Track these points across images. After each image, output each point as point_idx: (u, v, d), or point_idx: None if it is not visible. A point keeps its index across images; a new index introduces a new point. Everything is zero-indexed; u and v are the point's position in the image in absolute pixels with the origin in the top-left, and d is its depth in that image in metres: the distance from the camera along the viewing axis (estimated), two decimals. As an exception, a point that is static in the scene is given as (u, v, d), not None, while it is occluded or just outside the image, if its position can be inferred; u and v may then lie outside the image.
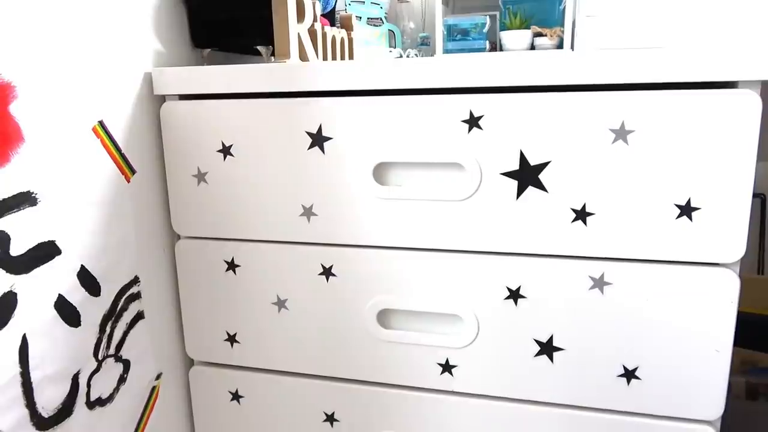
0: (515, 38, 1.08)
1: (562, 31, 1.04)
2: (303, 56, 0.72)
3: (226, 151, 0.67)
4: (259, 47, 0.75)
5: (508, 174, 0.59)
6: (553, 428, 0.63)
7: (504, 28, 1.10)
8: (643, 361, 0.59)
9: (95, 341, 0.60)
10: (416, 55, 1.16)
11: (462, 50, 1.11)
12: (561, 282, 0.60)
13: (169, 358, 0.74)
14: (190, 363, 0.76)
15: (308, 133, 0.64)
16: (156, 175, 0.70)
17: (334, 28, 0.84)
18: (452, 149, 0.60)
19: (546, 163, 0.58)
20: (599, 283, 0.59)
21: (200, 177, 0.68)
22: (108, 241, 0.61)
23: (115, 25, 0.62)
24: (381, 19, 1.16)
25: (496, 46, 1.12)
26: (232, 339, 0.72)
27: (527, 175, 0.59)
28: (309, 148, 0.64)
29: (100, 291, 0.61)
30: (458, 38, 1.13)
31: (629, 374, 0.60)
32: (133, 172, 0.66)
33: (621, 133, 0.55)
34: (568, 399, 0.62)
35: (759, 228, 1.14)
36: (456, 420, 0.66)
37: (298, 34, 0.71)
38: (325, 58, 0.80)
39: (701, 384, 0.59)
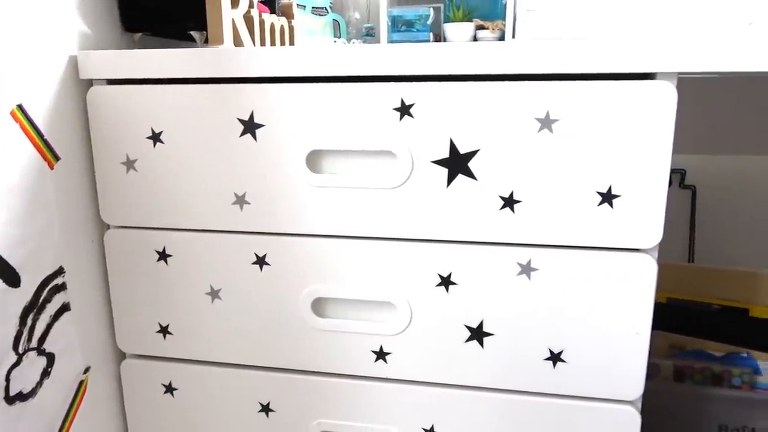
0: (458, 31, 1.09)
1: (504, 24, 1.06)
2: (238, 42, 0.71)
3: (155, 137, 0.65)
4: (192, 32, 0.73)
5: (439, 162, 0.60)
6: (485, 412, 0.65)
7: (447, 20, 1.11)
8: (568, 344, 0.61)
9: (15, 334, 0.58)
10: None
11: (406, 41, 1.12)
12: (490, 268, 0.61)
13: (99, 352, 0.72)
14: (121, 356, 0.74)
15: (240, 120, 0.63)
16: (83, 163, 0.68)
17: (274, 15, 0.83)
18: (384, 137, 0.60)
19: (475, 152, 0.59)
20: (526, 269, 0.60)
21: (129, 164, 0.66)
22: (28, 230, 0.59)
23: (36, 6, 0.59)
24: (326, 9, 1.16)
25: (440, 38, 1.13)
26: (164, 330, 0.70)
27: (457, 163, 0.59)
28: (241, 135, 0.63)
29: (19, 281, 0.58)
30: (403, 29, 1.14)
31: (555, 357, 0.62)
32: (56, 158, 0.64)
33: (546, 122, 0.57)
34: (498, 383, 0.64)
35: (690, 219, 1.19)
36: (390, 406, 0.67)
37: (233, 19, 0.70)
38: (263, 46, 0.79)
39: (622, 365, 0.61)
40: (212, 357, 0.70)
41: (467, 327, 0.63)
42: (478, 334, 0.63)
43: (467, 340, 0.63)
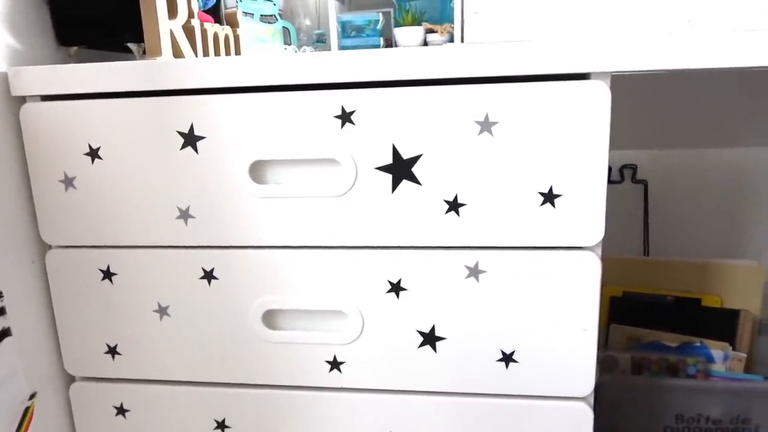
0: (408, 35, 1.09)
1: (452, 27, 1.06)
2: (178, 54, 0.70)
3: (94, 153, 0.63)
4: (130, 44, 0.72)
5: (383, 168, 0.59)
6: (441, 416, 0.65)
7: (397, 24, 1.11)
8: (519, 344, 0.62)
9: (-52, 364, 0.56)
10: (312, 52, 1.15)
11: (357, 47, 1.12)
12: (439, 272, 0.61)
13: (46, 376, 0.69)
14: (69, 379, 0.72)
15: (180, 132, 0.61)
16: (18, 182, 0.65)
17: (217, 25, 0.82)
18: (327, 145, 0.60)
19: (418, 157, 0.59)
20: (474, 272, 0.61)
21: (68, 182, 0.64)
22: (-41, 254, 0.57)
23: (-43, 22, 0.57)
24: (275, 16, 1.15)
25: (391, 43, 1.13)
26: (113, 351, 0.69)
27: (401, 169, 0.59)
28: (182, 148, 0.62)
29: (-49, 309, 0.56)
30: (353, 35, 1.13)
31: (507, 358, 0.62)
32: (-11, 179, 0.61)
33: (486, 125, 0.57)
34: (452, 386, 0.64)
35: (643, 213, 1.21)
36: (347, 416, 0.66)
37: (171, 30, 0.69)
38: (206, 56, 0.78)
39: (572, 363, 0.61)
40: (164, 375, 0.69)
41: (419, 332, 0.63)
42: (430, 338, 0.63)
43: (420, 345, 0.63)
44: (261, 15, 1.12)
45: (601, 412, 0.87)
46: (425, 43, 1.10)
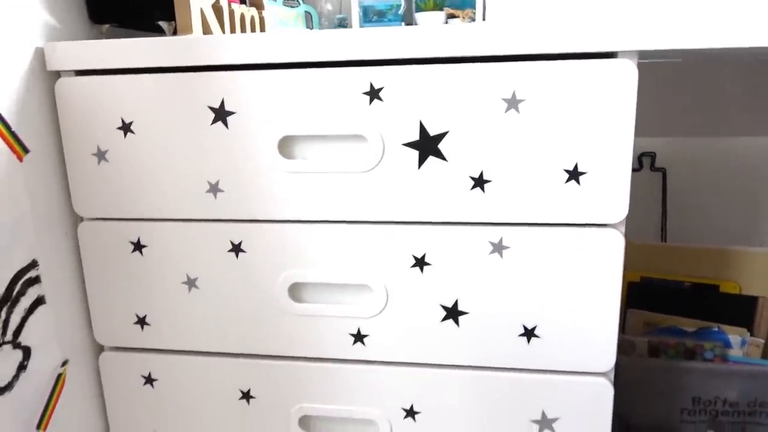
0: (429, 20, 1.10)
1: (474, 13, 1.07)
2: (207, 32, 0.71)
3: (126, 128, 0.65)
4: (161, 23, 0.73)
5: (410, 144, 0.60)
6: (462, 389, 0.66)
7: (419, 9, 1.12)
8: (541, 319, 0.63)
9: (-12, 328, 0.58)
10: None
11: (379, 31, 1.12)
12: (463, 248, 0.62)
13: (77, 345, 0.71)
14: (99, 349, 0.74)
15: (211, 107, 0.63)
16: (53, 155, 0.67)
17: (243, 6, 0.83)
18: (355, 121, 0.61)
19: (444, 133, 0.60)
20: (498, 248, 0.61)
21: (100, 155, 0.66)
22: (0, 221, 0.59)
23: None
24: (298, 1, 1.16)
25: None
26: (142, 321, 0.70)
27: (427, 145, 0.60)
28: (212, 123, 0.63)
29: (-9, 275, 0.58)
30: (375, 20, 1.14)
31: (529, 333, 0.63)
32: (26, 151, 0.63)
33: (513, 103, 0.58)
34: (474, 360, 0.65)
35: (662, 200, 1.21)
36: (370, 388, 0.68)
37: (201, 9, 0.70)
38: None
39: (594, 339, 0.62)
40: (191, 346, 0.70)
41: (442, 306, 0.64)
42: (453, 313, 0.64)
43: (443, 320, 0.64)
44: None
45: (619, 393, 0.88)
46: (446, 28, 1.10)
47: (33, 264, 0.64)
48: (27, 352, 0.63)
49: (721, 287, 1.03)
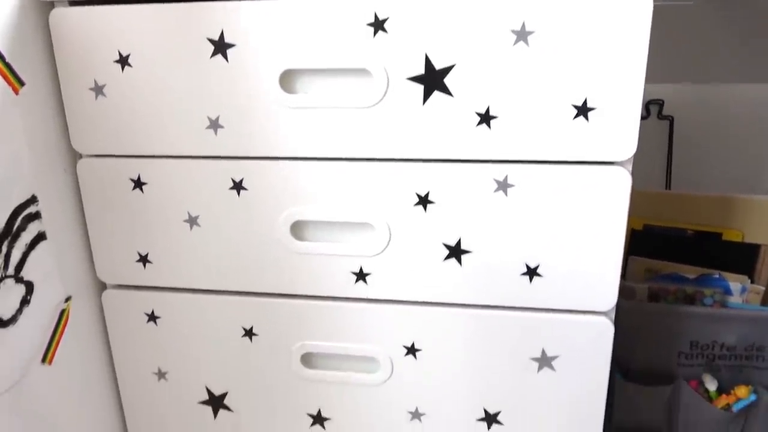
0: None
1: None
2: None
3: (123, 61, 0.63)
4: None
5: (415, 79, 0.59)
6: (464, 327, 0.66)
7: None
8: (544, 258, 0.62)
9: (-10, 261, 0.58)
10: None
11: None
12: (467, 186, 0.61)
13: (80, 282, 0.71)
14: (102, 286, 0.74)
15: (210, 40, 0.61)
16: (50, 89, 0.66)
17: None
18: (358, 54, 0.59)
19: (451, 67, 0.58)
20: (503, 186, 0.61)
21: (98, 90, 0.65)
22: (-4, 155, 0.58)
23: None
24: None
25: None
26: (144, 259, 0.70)
27: (433, 80, 0.59)
28: (212, 56, 0.61)
29: (-10, 209, 0.57)
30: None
31: (532, 272, 0.63)
32: (21, 83, 0.62)
33: (522, 35, 0.56)
34: (476, 299, 0.65)
35: (667, 149, 1.20)
36: (371, 325, 0.68)
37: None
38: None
39: (597, 278, 0.62)
40: (193, 284, 0.71)
41: (445, 245, 0.64)
42: (456, 252, 0.64)
43: (446, 258, 0.64)
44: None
45: (618, 338, 0.88)
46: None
47: (32, 199, 0.63)
48: (30, 287, 0.63)
49: (723, 235, 1.03)
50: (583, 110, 0.57)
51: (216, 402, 0.75)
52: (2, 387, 0.59)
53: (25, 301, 0.62)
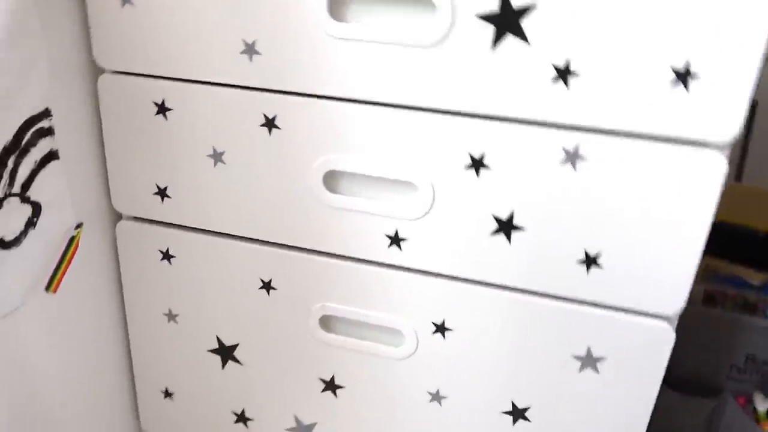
0: None
1: None
2: None
3: (156, -34, 0.56)
4: None
5: (486, 17, 0.50)
6: (502, 312, 0.59)
7: None
8: (607, 248, 0.54)
9: (-7, 174, 0.52)
10: None
11: None
12: (530, 152, 0.53)
13: (92, 209, 0.66)
14: (116, 216, 0.69)
15: (254, -51, 0.53)
16: (73, -4, 0.59)
17: None
18: (424, -17, 0.50)
19: (530, 7, 0.49)
20: (572, 157, 0.52)
21: (125, -2, 0.57)
22: (7, 57, 0.51)
23: None
24: None
25: None
26: (162, 193, 0.65)
27: (507, 20, 0.49)
28: (254, -31, 0.53)
29: (-3, 116, 0.52)
30: None
31: (590, 261, 0.55)
32: (41, -19, 0.55)
33: (624, -23, 0.46)
34: (521, 283, 0.58)
35: (745, 135, 1.08)
36: (400, 296, 0.61)
37: None
38: None
39: (666, 277, 0.54)
40: (212, 226, 0.65)
41: (495, 218, 0.56)
42: (506, 226, 0.56)
43: (494, 233, 0.56)
44: None
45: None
46: None
47: (46, 113, 0.57)
48: (37, 208, 0.58)
49: (799, 241, 0.92)
50: (683, 77, 0.48)
51: (225, 352, 0.70)
52: (1, 311, 0.55)
53: (30, 223, 0.57)
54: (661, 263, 0.53)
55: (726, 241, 0.94)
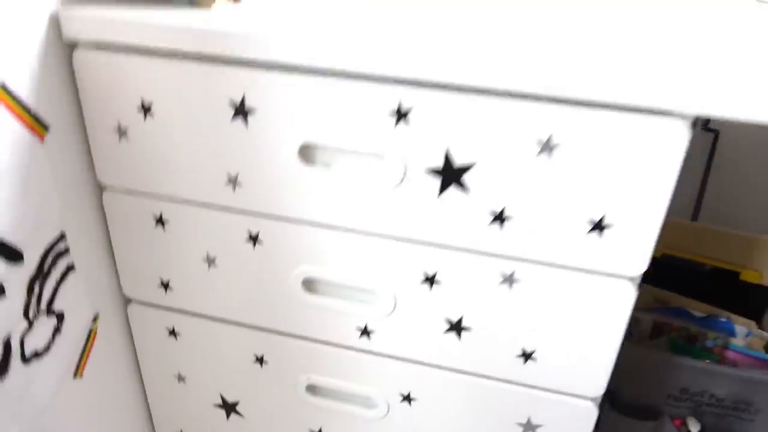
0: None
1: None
2: (232, -2, 0.65)
3: (146, 109, 0.63)
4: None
5: (433, 171, 0.58)
6: (458, 389, 0.70)
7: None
8: (540, 347, 0.65)
9: (24, 303, 0.62)
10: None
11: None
12: (474, 274, 0.62)
13: (106, 299, 0.77)
14: (127, 301, 0.80)
15: (231, 103, 0.60)
16: (74, 127, 0.66)
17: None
18: (379, 140, 0.58)
19: (470, 165, 0.57)
20: (509, 280, 0.62)
21: (121, 132, 0.65)
22: (26, 206, 0.60)
23: (6, -28, 0.54)
24: None
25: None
26: (165, 286, 0.75)
27: (451, 175, 0.58)
28: (232, 120, 0.61)
29: (22, 257, 0.61)
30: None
31: (527, 356, 0.66)
32: (46, 129, 0.63)
33: (547, 147, 0.54)
34: (471, 368, 0.69)
35: (705, 167, 1.15)
36: (372, 372, 0.73)
37: (226, -28, 0.63)
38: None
39: (588, 369, 0.65)
40: (210, 312, 0.75)
41: (447, 320, 0.66)
42: (456, 327, 0.66)
43: (446, 331, 0.67)
44: None
45: (615, 371, 0.92)
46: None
47: (61, 237, 0.66)
48: (61, 317, 0.68)
49: (742, 275, 1.02)
50: (598, 226, 0.56)
51: (228, 407, 0.83)
52: (40, 408, 0.66)
53: (57, 330, 0.68)
54: (585, 359, 0.64)
55: (676, 274, 1.04)
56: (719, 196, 1.15)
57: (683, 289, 1.03)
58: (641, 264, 0.57)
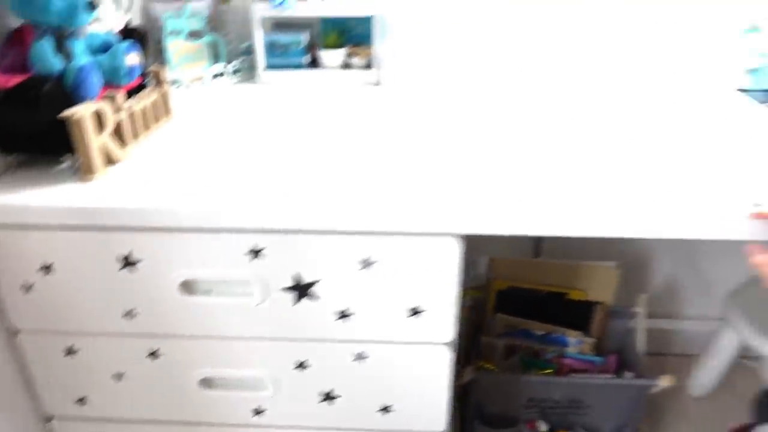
0: (331, 57, 1.16)
1: (371, 52, 1.14)
2: (111, 162, 0.79)
3: (47, 269, 0.76)
4: (63, 159, 0.79)
5: (287, 289, 0.76)
6: (339, 441, 0.89)
7: (323, 46, 1.17)
8: (394, 403, 0.84)
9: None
10: (238, 68, 1.21)
11: (284, 66, 1.17)
12: (333, 357, 0.81)
13: (29, 417, 0.88)
14: (49, 418, 0.91)
15: (119, 257, 0.75)
16: (-15, 285, 0.79)
17: (142, 92, 0.88)
18: (242, 271, 0.75)
19: (316, 281, 0.75)
20: (359, 357, 0.80)
21: (27, 287, 0.78)
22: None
23: None
24: (202, 31, 1.18)
25: (316, 61, 1.20)
26: (82, 401, 0.88)
27: (302, 290, 0.76)
28: (120, 269, 0.76)
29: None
30: (279, 54, 1.18)
31: (385, 409, 0.85)
32: (-39, 296, 0.74)
33: (366, 264, 0.73)
34: (345, 425, 0.87)
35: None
36: (270, 440, 0.90)
37: (103, 144, 0.77)
38: (136, 133, 0.86)
39: (431, 411, 0.85)
40: (123, 417, 0.89)
41: (320, 393, 0.84)
42: (328, 397, 0.84)
43: (321, 401, 0.85)
44: (189, 32, 1.15)
45: (479, 390, 1.13)
46: (347, 66, 1.17)
47: (-15, 380, 0.78)
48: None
49: (570, 295, 1.27)
50: (415, 312, 0.76)
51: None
52: None
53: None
54: (427, 405, 0.84)
55: (522, 302, 1.28)
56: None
57: (527, 313, 1.27)
58: (449, 333, 0.78)
